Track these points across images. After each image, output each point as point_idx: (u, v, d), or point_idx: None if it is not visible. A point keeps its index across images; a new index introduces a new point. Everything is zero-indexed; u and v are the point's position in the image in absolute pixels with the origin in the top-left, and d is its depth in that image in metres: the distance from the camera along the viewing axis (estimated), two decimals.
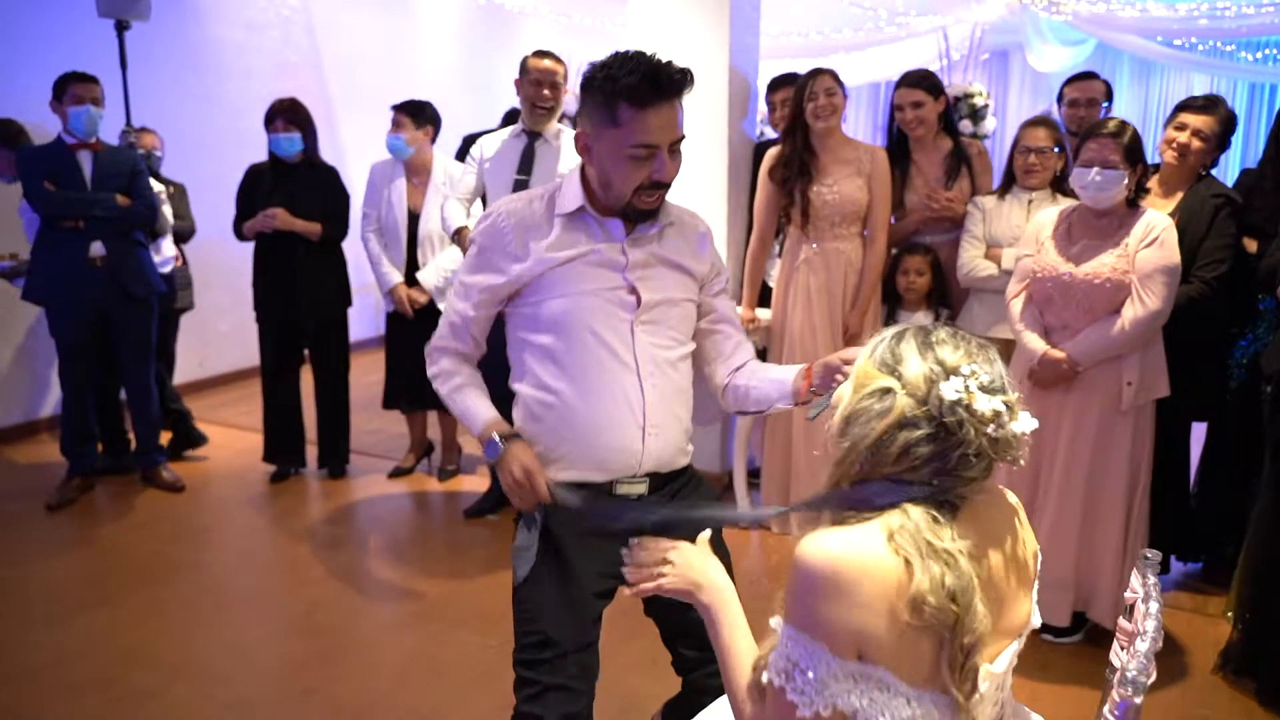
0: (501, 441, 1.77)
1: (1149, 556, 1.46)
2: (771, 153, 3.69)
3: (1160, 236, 2.68)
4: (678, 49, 1.74)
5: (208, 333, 5.98)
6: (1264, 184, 3.12)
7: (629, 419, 1.78)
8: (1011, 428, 1.14)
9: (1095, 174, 2.65)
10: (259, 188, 4.23)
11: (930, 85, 3.58)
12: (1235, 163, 8.14)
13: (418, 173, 4.21)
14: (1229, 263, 2.96)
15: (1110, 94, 3.83)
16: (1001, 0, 7.13)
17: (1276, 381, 2.74)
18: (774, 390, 1.80)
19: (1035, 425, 1.16)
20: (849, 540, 1.11)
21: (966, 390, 1.12)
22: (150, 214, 4.12)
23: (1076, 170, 2.72)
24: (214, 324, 6.00)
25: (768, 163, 3.68)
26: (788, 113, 3.64)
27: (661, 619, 1.92)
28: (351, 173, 4.88)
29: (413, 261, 4.20)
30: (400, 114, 4.16)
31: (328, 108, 6.51)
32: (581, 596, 1.79)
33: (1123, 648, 1.41)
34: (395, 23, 7.41)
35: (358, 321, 5.70)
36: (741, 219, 3.94)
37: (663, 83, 1.66)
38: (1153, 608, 1.34)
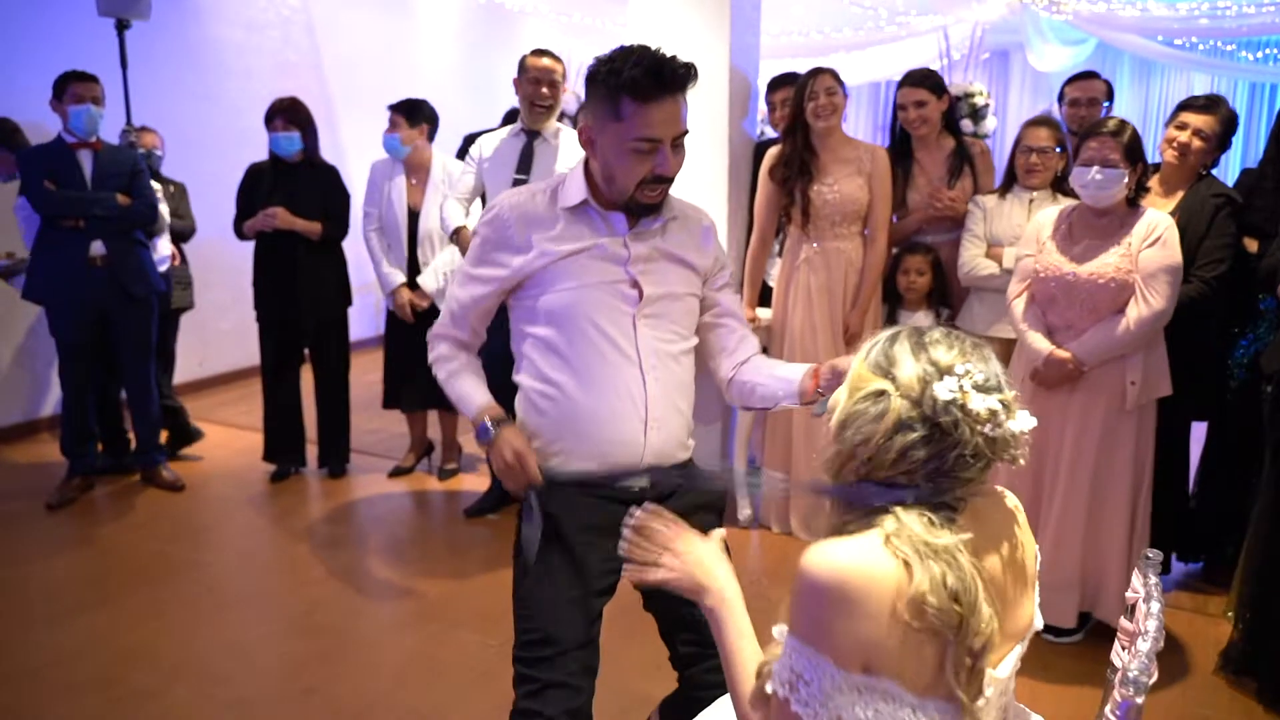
0: (493, 426, 1.78)
1: (1150, 556, 1.46)
2: (772, 152, 3.69)
3: (1163, 236, 2.68)
4: (678, 48, 1.73)
5: (208, 332, 5.98)
6: (1264, 184, 3.12)
7: (631, 412, 1.78)
8: (1009, 426, 1.13)
9: (1095, 173, 2.65)
10: (259, 187, 4.23)
11: (933, 84, 3.59)
12: (1235, 162, 8.13)
13: (416, 171, 4.21)
14: (1229, 262, 2.96)
15: (1111, 93, 3.83)
16: (1002, 0, 7.13)
17: (1277, 381, 2.74)
18: (780, 389, 1.79)
19: (1034, 424, 1.15)
20: (854, 551, 1.09)
21: (961, 390, 1.11)
22: (151, 213, 4.12)
23: (1076, 169, 2.71)
24: (214, 323, 6.00)
25: (768, 162, 3.68)
26: (788, 112, 3.64)
27: (660, 612, 1.91)
28: (352, 172, 4.88)
29: (413, 260, 4.20)
30: (395, 114, 4.16)
31: (328, 108, 6.51)
32: (582, 594, 1.78)
33: (1124, 648, 1.41)
34: (395, 23, 7.41)
35: (358, 321, 5.70)
36: (742, 218, 3.94)
37: (666, 77, 1.66)
38: (1154, 608, 1.34)
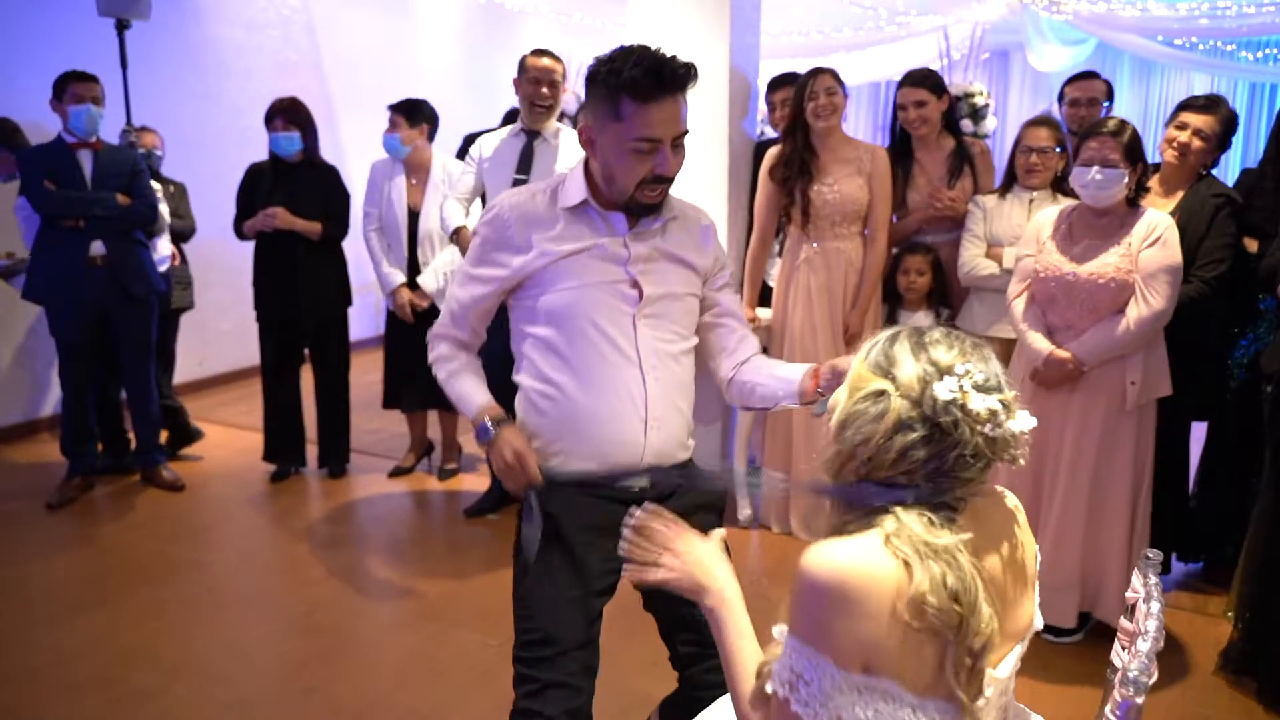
0: (493, 426, 1.78)
1: (1150, 556, 1.46)
2: (772, 152, 3.69)
3: (1163, 236, 2.68)
4: (678, 48, 1.72)
5: (208, 332, 5.98)
6: (1264, 184, 3.12)
7: (631, 412, 1.77)
8: (1009, 426, 1.13)
9: (1095, 173, 2.65)
10: (259, 187, 4.23)
11: (933, 84, 3.59)
12: (1236, 162, 8.13)
13: (416, 171, 4.21)
14: (1228, 262, 2.96)
15: (1111, 93, 3.83)
16: (1002, 0, 7.12)
17: (1277, 381, 2.74)
18: (780, 389, 1.79)
19: (1034, 424, 1.15)
20: (854, 551, 1.09)
21: (961, 390, 1.11)
22: (151, 213, 4.12)
23: (1076, 169, 2.71)
24: (214, 323, 6.00)
25: (768, 162, 3.68)
26: (788, 112, 3.64)
27: (660, 612, 1.91)
28: (352, 172, 4.88)
29: (413, 260, 4.20)
30: (395, 114, 4.16)
31: (328, 108, 6.51)
32: (582, 594, 1.78)
33: (1124, 648, 1.41)
34: (395, 23, 7.41)
35: (358, 321, 5.69)
36: (742, 218, 3.94)
37: (666, 77, 1.66)
38: (1154, 608, 1.34)
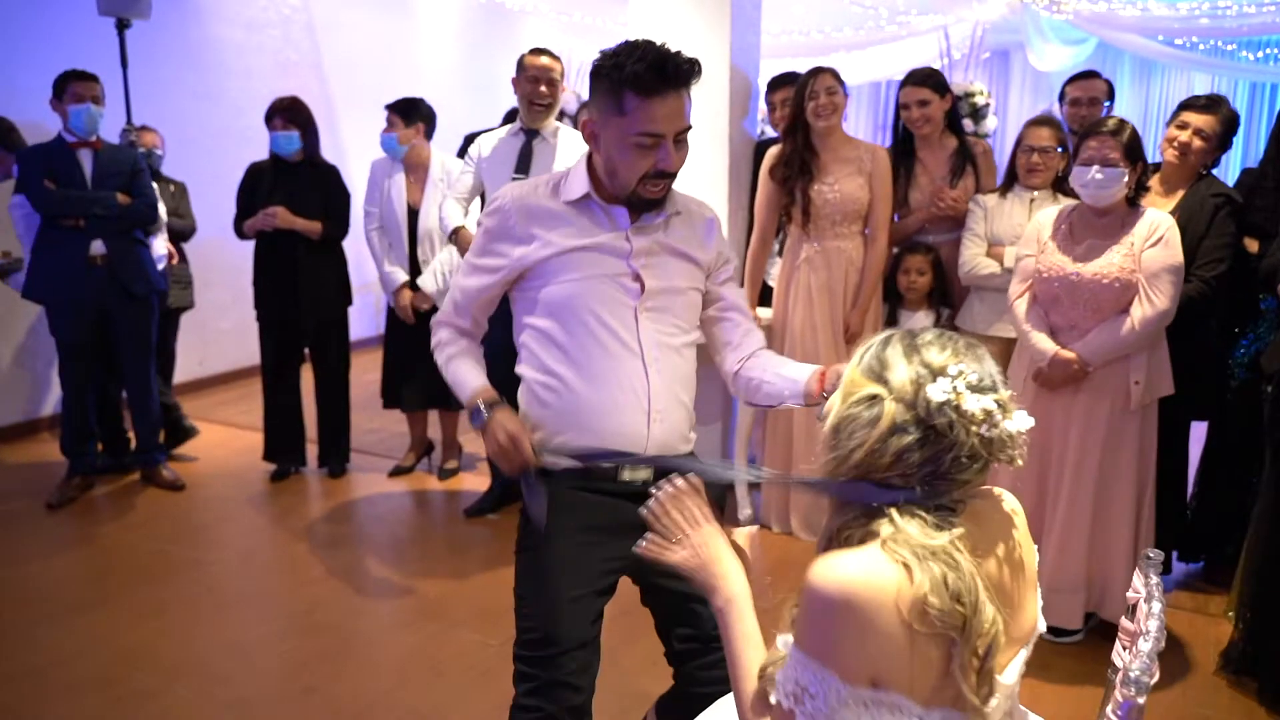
0: (486, 409, 1.78)
1: (1151, 556, 1.46)
2: (772, 151, 3.69)
3: (1165, 235, 2.68)
4: (678, 47, 1.73)
5: (208, 331, 5.98)
6: (1265, 183, 3.12)
7: (634, 404, 1.77)
8: (1005, 426, 1.12)
9: (1095, 172, 2.64)
10: (260, 186, 4.23)
11: (936, 83, 3.59)
12: (1236, 162, 8.12)
13: (415, 169, 4.21)
14: (1228, 262, 2.96)
15: (1112, 93, 3.84)
16: (1003, 0, 7.12)
17: (1277, 381, 2.74)
18: (786, 389, 1.78)
19: (1031, 423, 1.14)
20: (860, 563, 1.08)
21: (954, 391, 1.10)
22: (151, 212, 4.12)
23: (1076, 169, 2.71)
24: (214, 323, 6.00)
25: (768, 161, 3.68)
26: (788, 112, 3.64)
27: (657, 607, 1.91)
28: (352, 172, 4.88)
29: (414, 258, 4.20)
30: (391, 113, 4.16)
31: (328, 107, 6.51)
32: (583, 594, 1.78)
33: (1125, 648, 1.41)
34: (395, 23, 7.41)
35: (358, 320, 5.70)
36: (742, 218, 3.94)
37: (669, 72, 1.66)
38: (1155, 608, 1.34)
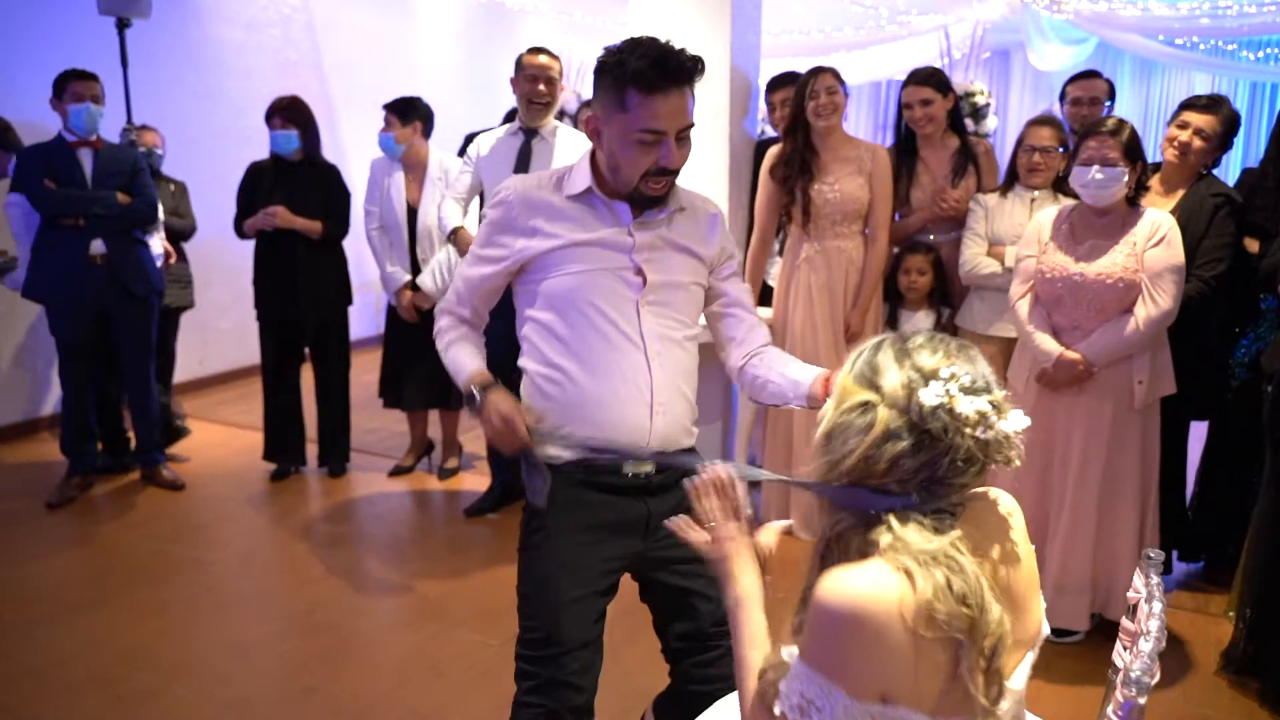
0: (479, 392, 1.78)
1: (1151, 556, 1.46)
2: (772, 151, 3.68)
3: (1167, 235, 2.68)
4: (678, 46, 1.73)
5: (208, 331, 5.98)
6: (1265, 183, 3.12)
7: (637, 397, 1.77)
8: (1000, 427, 1.11)
9: (1095, 172, 2.64)
10: (260, 185, 4.23)
11: (939, 83, 3.58)
12: (1236, 162, 8.12)
13: (413, 168, 4.21)
14: (1228, 262, 2.96)
15: (1113, 93, 3.83)
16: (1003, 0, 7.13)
17: (1277, 381, 2.74)
18: (790, 390, 1.78)
19: (1027, 423, 1.13)
20: (867, 578, 1.07)
21: (947, 394, 1.09)
22: (151, 212, 4.12)
23: (1076, 169, 2.70)
24: (214, 322, 6.00)
25: (769, 161, 3.67)
26: (789, 111, 3.64)
27: (655, 602, 1.91)
28: (352, 171, 4.88)
29: (414, 257, 4.20)
30: (389, 113, 4.16)
31: (328, 107, 6.51)
32: (584, 594, 1.78)
33: (1126, 648, 1.41)
34: (395, 23, 7.41)
35: (358, 320, 5.69)
36: (742, 217, 3.94)
37: (671, 69, 1.66)
38: (1156, 608, 1.34)
